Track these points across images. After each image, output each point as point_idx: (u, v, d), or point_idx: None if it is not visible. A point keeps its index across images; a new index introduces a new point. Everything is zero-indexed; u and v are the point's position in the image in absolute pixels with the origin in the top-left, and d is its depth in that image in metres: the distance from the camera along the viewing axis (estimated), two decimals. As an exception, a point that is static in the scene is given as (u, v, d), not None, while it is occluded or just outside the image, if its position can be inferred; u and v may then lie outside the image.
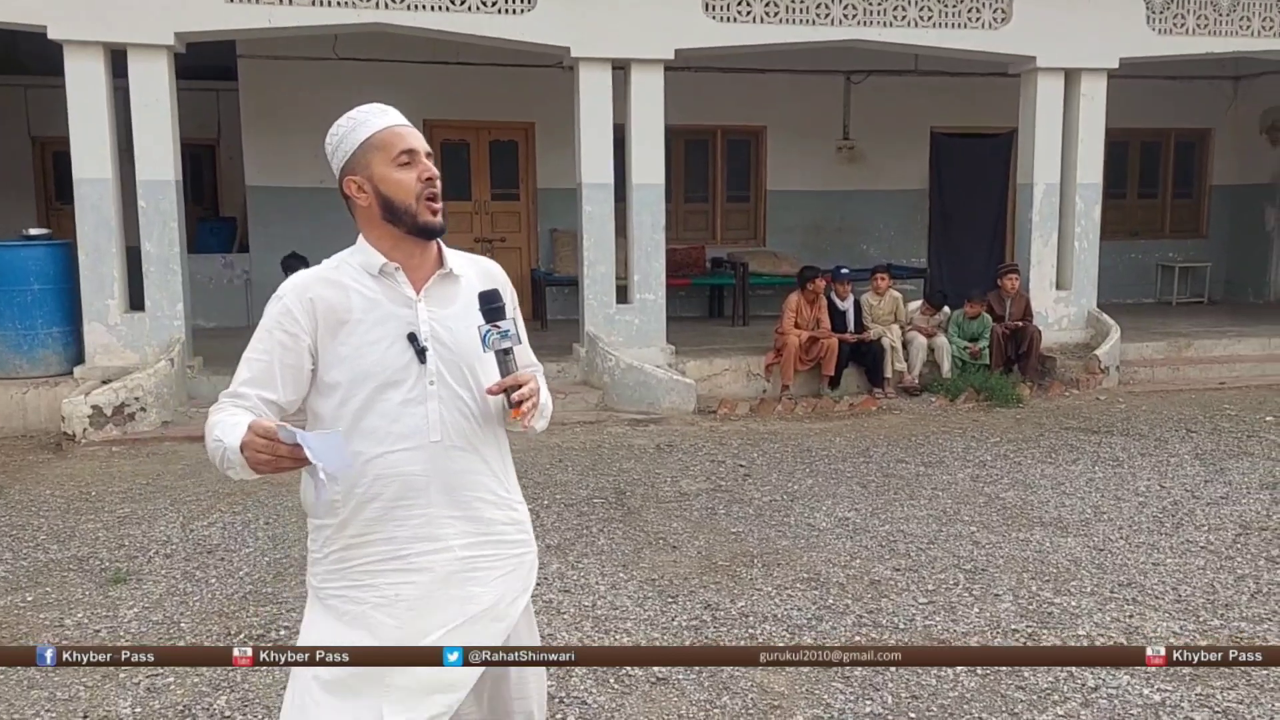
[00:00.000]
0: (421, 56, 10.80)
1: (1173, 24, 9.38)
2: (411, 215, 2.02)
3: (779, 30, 8.70)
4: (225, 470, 1.87)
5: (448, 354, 2.02)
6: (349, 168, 2.05)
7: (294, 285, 2.01)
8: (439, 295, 2.06)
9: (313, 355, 1.99)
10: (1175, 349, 9.78)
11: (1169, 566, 4.80)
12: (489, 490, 2.08)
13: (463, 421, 2.03)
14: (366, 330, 1.98)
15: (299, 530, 5.37)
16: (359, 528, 1.99)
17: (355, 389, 1.97)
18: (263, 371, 1.97)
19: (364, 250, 2.06)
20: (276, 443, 1.73)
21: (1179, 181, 13.29)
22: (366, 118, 2.06)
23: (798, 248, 11.85)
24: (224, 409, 1.93)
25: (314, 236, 10.71)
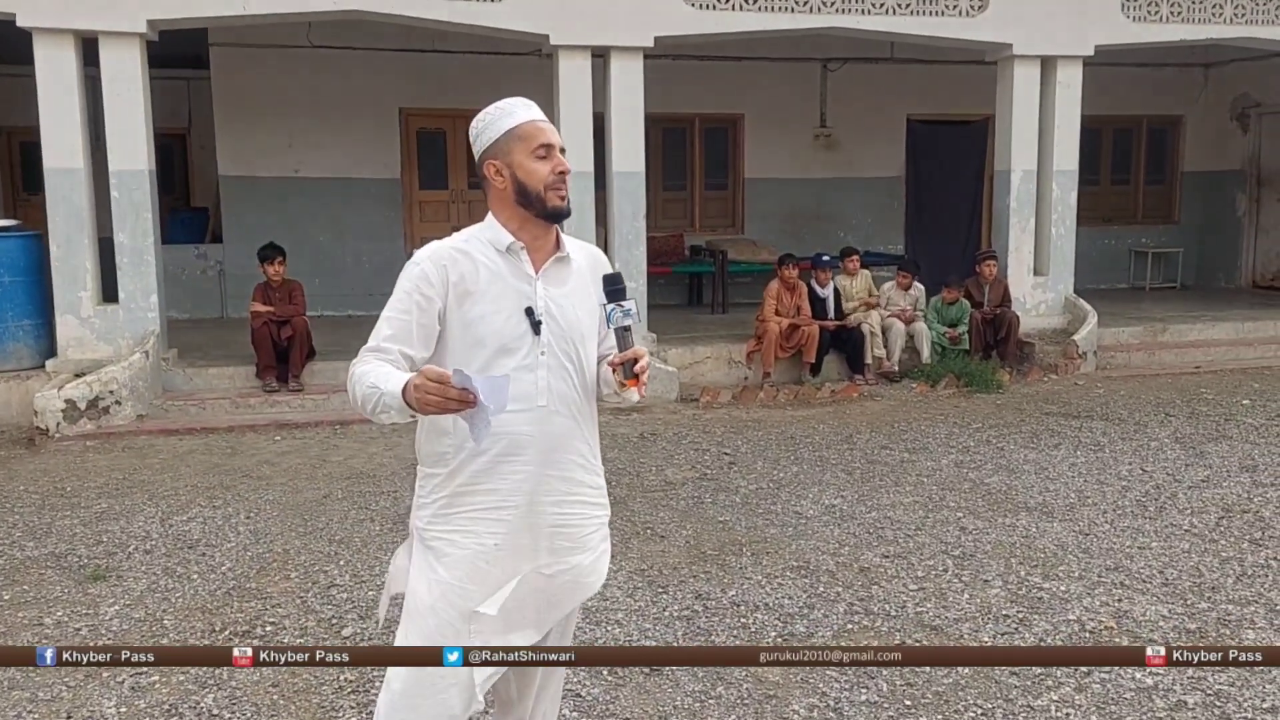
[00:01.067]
0: (397, 44, 10.69)
1: (1147, 11, 9.43)
2: (541, 201, 2.22)
3: (759, 17, 8.67)
4: (377, 415, 2.08)
5: (558, 329, 2.23)
6: (491, 152, 2.24)
7: (430, 253, 2.22)
8: (554, 275, 2.28)
9: (441, 318, 2.20)
10: (1151, 334, 9.87)
11: (1155, 550, 4.84)
12: (580, 455, 2.30)
13: (566, 390, 2.25)
14: (490, 300, 2.19)
15: (281, 525, 5.30)
16: (466, 478, 2.21)
17: (475, 351, 2.18)
18: (403, 328, 2.18)
19: (493, 227, 2.26)
20: (448, 386, 1.92)
21: (1151, 168, 13.40)
22: (513, 109, 2.25)
23: (776, 235, 11.84)
24: (368, 361, 2.15)
25: (288, 226, 10.61)
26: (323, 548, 4.98)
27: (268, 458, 6.69)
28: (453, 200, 11.66)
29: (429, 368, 1.99)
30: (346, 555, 4.87)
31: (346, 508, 5.60)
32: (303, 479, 6.18)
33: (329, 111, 10.93)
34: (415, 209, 11.56)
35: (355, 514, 5.49)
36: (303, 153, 11.01)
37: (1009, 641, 3.89)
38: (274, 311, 8.00)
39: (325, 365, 8.27)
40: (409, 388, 1.98)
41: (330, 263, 11.14)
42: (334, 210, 11.14)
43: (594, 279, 2.33)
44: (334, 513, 5.51)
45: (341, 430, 7.41)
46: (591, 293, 2.32)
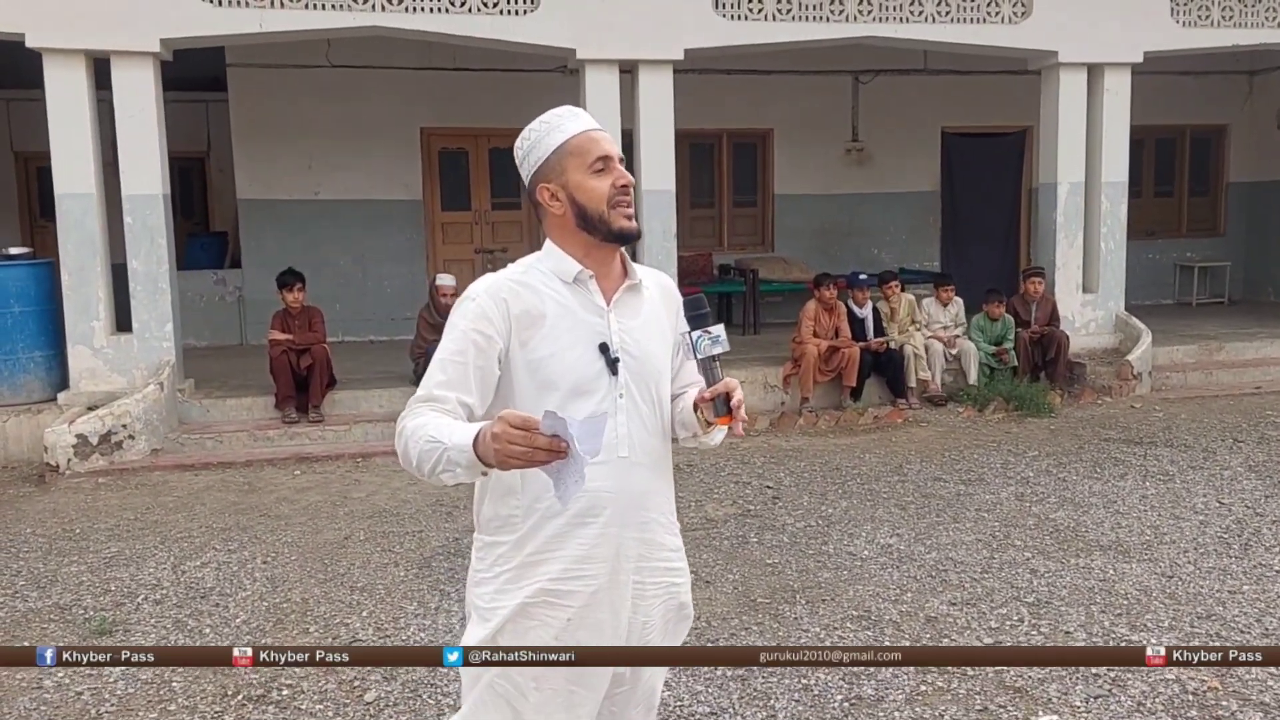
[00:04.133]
0: (417, 63, 10.44)
1: (1197, 16, 9.03)
2: (605, 223, 1.95)
3: (792, 28, 8.34)
4: (439, 475, 1.77)
5: (636, 366, 1.97)
6: (542, 174, 1.98)
7: (487, 286, 1.95)
8: (627, 306, 2.01)
9: (501, 360, 1.92)
10: (1206, 352, 9.42)
11: (1247, 595, 4.43)
12: (662, 512, 2.05)
13: (647, 437, 1.98)
14: (559, 336, 1.92)
15: (300, 570, 4.97)
16: (539, 545, 1.93)
17: (545, 396, 1.89)
18: (459, 373, 1.90)
19: (556, 256, 1.99)
20: (534, 433, 1.62)
21: (1195, 179, 12.96)
22: (560, 122, 1.99)
23: (807, 253, 11.47)
24: (420, 413, 1.85)
25: (309, 250, 10.35)
26: (344, 596, 4.64)
27: (286, 494, 6.37)
28: (476, 221, 11.37)
29: (510, 412, 1.66)
30: (369, 605, 4.53)
31: (369, 550, 5.26)
32: (323, 518, 5.85)
33: (349, 132, 10.67)
34: (438, 231, 11.28)
35: (378, 558, 5.15)
36: (323, 175, 10.76)
37: (1104, 706, 3.49)
38: (293, 339, 7.70)
39: (346, 394, 7.97)
40: (482, 438, 1.67)
41: (351, 287, 10.87)
42: (355, 233, 10.87)
43: (665, 307, 2.08)
44: (356, 556, 5.17)
45: (363, 464, 7.09)
46: (665, 324, 2.07)
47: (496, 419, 1.65)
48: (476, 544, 2.03)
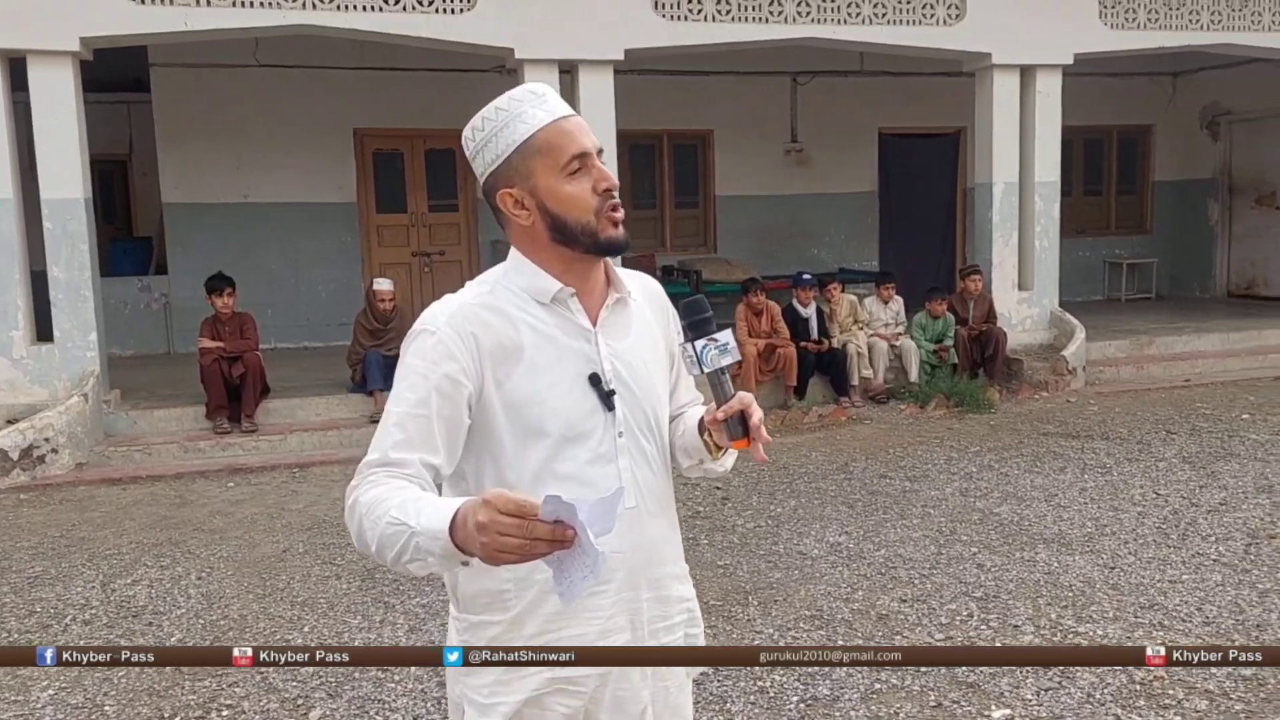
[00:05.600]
0: (349, 62, 10.24)
1: (1125, 19, 9.24)
2: (591, 233, 1.59)
3: (731, 29, 8.34)
4: (405, 565, 1.42)
5: (631, 397, 1.65)
6: (503, 177, 1.61)
7: (450, 315, 1.58)
8: (615, 325, 1.67)
9: (471, 406, 1.57)
10: (1137, 347, 9.64)
11: (1187, 584, 4.50)
12: (675, 563, 1.75)
13: (653, 479, 1.67)
14: (541, 371, 1.58)
15: (236, 585, 4.80)
16: (540, 624, 1.60)
17: (531, 445, 1.58)
18: (421, 430, 1.53)
19: (528, 272, 1.64)
20: (533, 522, 1.28)
21: (1123, 178, 13.28)
22: (521, 109, 1.60)
23: (750, 254, 11.50)
24: (378, 482, 1.49)
25: (239, 255, 10.09)
26: (284, 611, 4.49)
27: (220, 507, 6.16)
28: (413, 224, 11.18)
29: (499, 494, 1.29)
30: (311, 620, 4.38)
31: (309, 563, 5.10)
32: (260, 531, 5.67)
33: (279, 133, 10.42)
34: (373, 234, 11.06)
35: (319, 570, 5.00)
36: (252, 177, 10.49)
37: (1054, 698, 3.51)
38: (224, 347, 7.48)
39: (281, 403, 7.76)
40: (462, 523, 1.33)
41: (284, 292, 10.61)
42: (287, 237, 10.61)
43: (655, 318, 1.77)
44: (295, 570, 5.02)
45: (301, 474, 6.90)
46: (658, 338, 1.75)
47: (482, 503, 1.30)
48: (457, 626, 1.67)
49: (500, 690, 1.61)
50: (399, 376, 1.58)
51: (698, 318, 1.63)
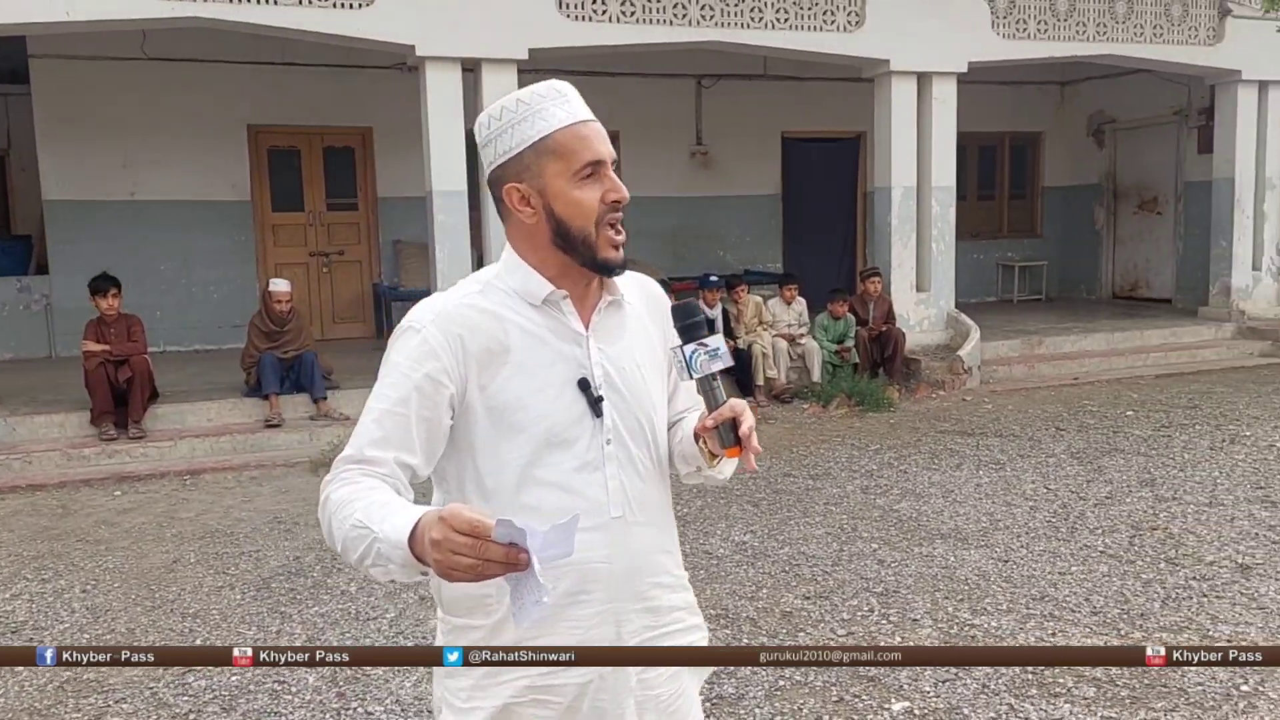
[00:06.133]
0: (243, 56, 9.92)
1: (1016, 29, 9.57)
2: (589, 246, 1.57)
3: (635, 30, 8.35)
4: (367, 568, 1.41)
5: (622, 403, 1.61)
6: (512, 171, 1.58)
7: (437, 314, 1.56)
8: (607, 328, 1.64)
9: (454, 408, 1.55)
10: (1028, 347, 9.98)
11: (1076, 575, 4.67)
12: (667, 572, 1.70)
13: (644, 488, 1.63)
14: (528, 375, 1.56)
15: (124, 598, 4.60)
16: (521, 631, 1.51)
17: (512, 451, 1.55)
18: (398, 427, 1.52)
19: (522, 273, 1.61)
20: (486, 543, 1.26)
21: (1014, 183, 13.75)
22: (542, 106, 1.57)
23: (658, 255, 11.52)
24: (350, 480, 1.49)
25: (126, 254, 9.70)
26: (174, 624, 4.31)
27: (106, 517, 5.90)
28: (310, 223, 10.89)
29: (454, 511, 1.28)
30: (203, 632, 4.22)
31: (201, 573, 4.92)
32: (148, 541, 5.44)
33: (169, 129, 10.04)
34: (269, 233, 10.75)
35: (211, 581, 4.82)
36: (140, 174, 10.08)
37: (951, 689, 3.59)
38: (109, 350, 7.16)
39: (170, 408, 7.48)
40: (419, 536, 1.32)
41: (174, 293, 10.24)
42: (177, 236, 10.23)
43: (653, 320, 1.72)
44: (186, 580, 4.83)
45: (191, 481, 6.65)
46: (655, 341, 1.70)
47: (438, 519, 1.28)
48: (442, 627, 1.67)
49: (476, 695, 1.59)
50: (382, 374, 1.57)
51: (688, 321, 1.60)
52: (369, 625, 4.26)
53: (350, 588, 4.68)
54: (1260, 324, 10.81)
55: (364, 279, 11.07)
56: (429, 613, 4.37)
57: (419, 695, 3.61)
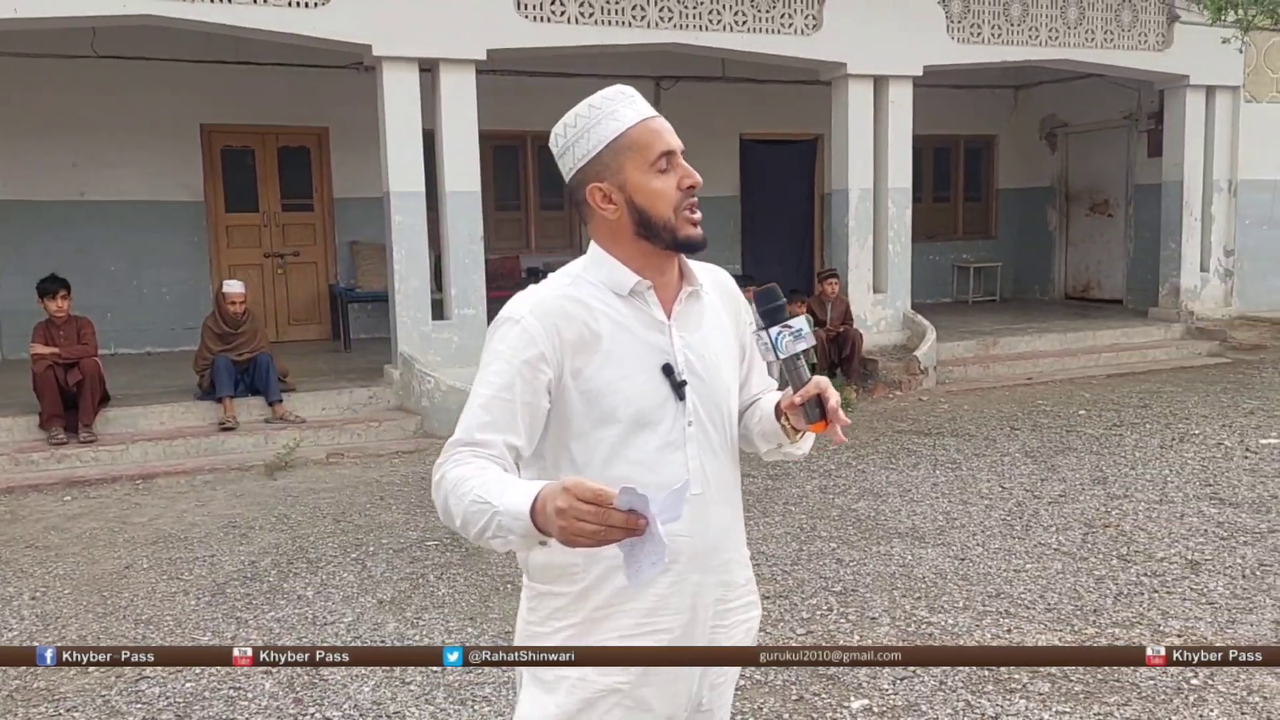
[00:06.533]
0: (196, 55, 9.77)
1: (970, 34, 9.70)
2: (671, 230, 1.68)
3: (594, 31, 8.35)
4: (487, 540, 1.52)
5: (702, 387, 1.73)
6: (593, 172, 1.70)
7: (534, 305, 1.67)
8: (687, 317, 1.76)
9: (550, 392, 1.66)
10: (983, 347, 10.11)
11: (1030, 572, 4.74)
12: (738, 548, 1.84)
13: (720, 468, 1.75)
14: (617, 361, 1.67)
15: (74, 605, 4.51)
16: (605, 598, 1.69)
17: (603, 429, 1.66)
18: (504, 412, 1.63)
19: (608, 265, 1.72)
20: (609, 510, 1.37)
21: (969, 186, 13.92)
22: (613, 108, 1.70)
23: (615, 257, 11.55)
24: (462, 461, 1.59)
25: (76, 255, 9.54)
26: (127, 631, 4.24)
27: (56, 522, 5.78)
28: (265, 224, 10.76)
29: (578, 482, 1.39)
30: (157, 639, 4.15)
31: (154, 579, 4.84)
32: (100, 546, 5.34)
33: (120, 129, 9.87)
34: (222, 234, 10.59)
35: (165, 586, 4.74)
36: (90, 174, 9.90)
37: (910, 686, 3.63)
38: (59, 353, 7.02)
39: (122, 411, 7.35)
40: (541, 506, 1.42)
41: (126, 295, 10.06)
42: (128, 237, 10.05)
43: (727, 310, 1.84)
44: (139, 586, 4.75)
45: (144, 485, 6.54)
46: (729, 331, 1.83)
47: (561, 489, 1.39)
48: (527, 593, 1.78)
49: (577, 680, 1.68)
50: (485, 362, 1.67)
51: (771, 305, 1.71)
52: (326, 630, 4.22)
53: (307, 592, 4.63)
54: (1208, 324, 11.06)
55: (320, 280, 10.96)
56: (387, 616, 4.34)
57: (377, 700, 3.58)
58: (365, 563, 5.01)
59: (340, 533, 5.49)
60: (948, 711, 3.43)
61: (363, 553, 5.15)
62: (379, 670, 3.78)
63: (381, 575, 4.83)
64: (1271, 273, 11.73)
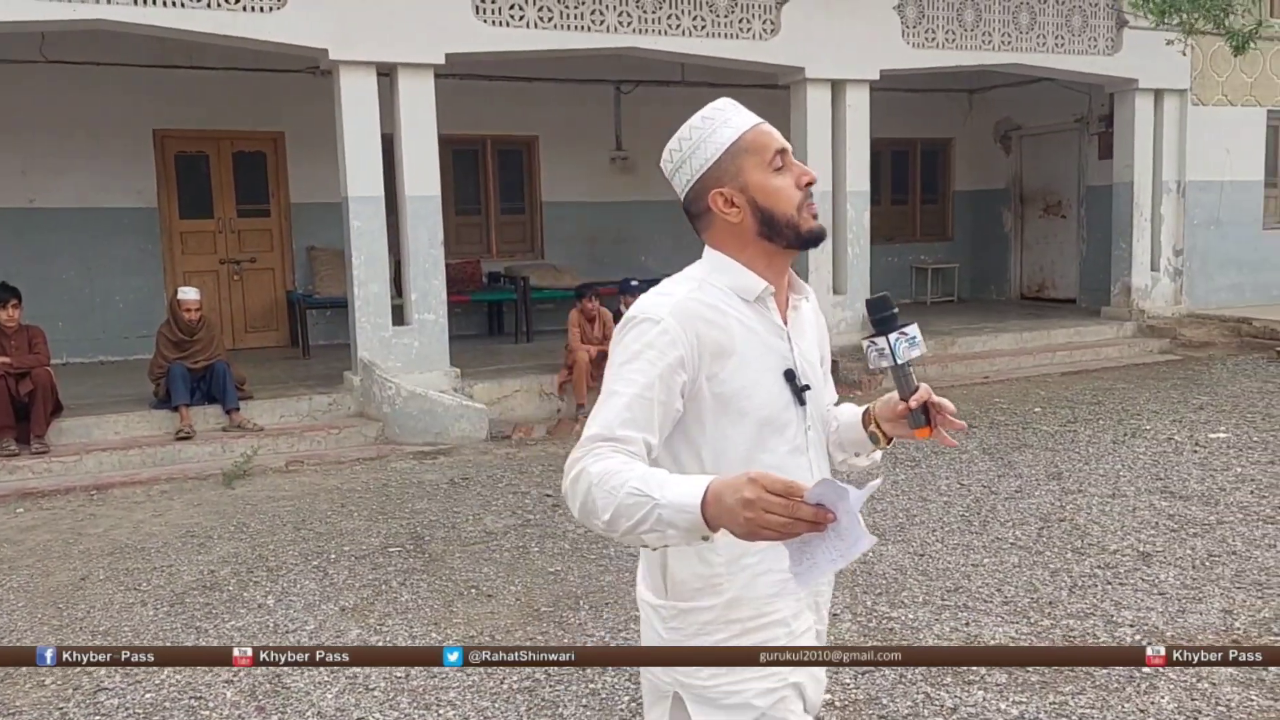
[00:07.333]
0: (148, 60, 9.65)
1: (925, 38, 9.83)
2: (794, 226, 1.71)
3: (554, 36, 8.35)
4: (641, 534, 1.47)
5: (814, 394, 1.77)
6: (714, 178, 1.72)
7: (673, 309, 1.66)
8: (797, 324, 1.79)
9: (683, 395, 1.65)
10: (941, 347, 10.24)
11: (988, 567, 4.81)
12: None
13: (826, 471, 1.80)
14: (749, 366, 1.68)
15: (29, 618, 4.44)
16: (755, 606, 1.69)
17: (735, 435, 1.67)
18: (645, 412, 1.61)
19: (734, 270, 1.73)
20: (798, 503, 1.37)
21: (926, 188, 14.09)
22: (726, 117, 1.74)
23: (578, 259, 11.56)
24: (604, 455, 1.55)
25: (26, 264, 9.39)
26: (84, 642, 4.17)
27: (9, 534, 5.68)
28: (220, 230, 10.63)
29: (766, 474, 1.38)
30: (113, 651, 4.08)
31: (111, 590, 4.77)
32: (54, 558, 5.25)
33: (70, 135, 9.71)
34: (176, 240, 10.45)
35: (122, 597, 4.68)
36: (39, 181, 9.73)
37: (870, 681, 3.67)
38: (10, 363, 6.90)
39: (75, 422, 7.23)
40: (714, 499, 1.40)
41: (78, 303, 9.90)
42: (80, 244, 9.89)
43: (815, 321, 1.89)
44: (96, 598, 4.68)
45: (99, 496, 6.44)
46: (816, 341, 1.87)
47: (748, 480, 1.38)
48: (665, 612, 1.74)
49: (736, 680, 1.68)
50: (623, 360, 1.64)
51: (886, 314, 1.76)
52: (288, 639, 4.19)
53: (268, 601, 4.59)
54: (1159, 322, 11.28)
55: (277, 287, 10.85)
56: (349, 624, 4.31)
57: (340, 707, 3.56)
58: (327, 570, 4.97)
59: (301, 540, 5.45)
60: (908, 704, 3.48)
61: (324, 560, 5.11)
62: (341, 677, 3.76)
63: (343, 582, 4.80)
64: (1219, 271, 11.99)
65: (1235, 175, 11.88)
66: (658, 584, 1.76)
